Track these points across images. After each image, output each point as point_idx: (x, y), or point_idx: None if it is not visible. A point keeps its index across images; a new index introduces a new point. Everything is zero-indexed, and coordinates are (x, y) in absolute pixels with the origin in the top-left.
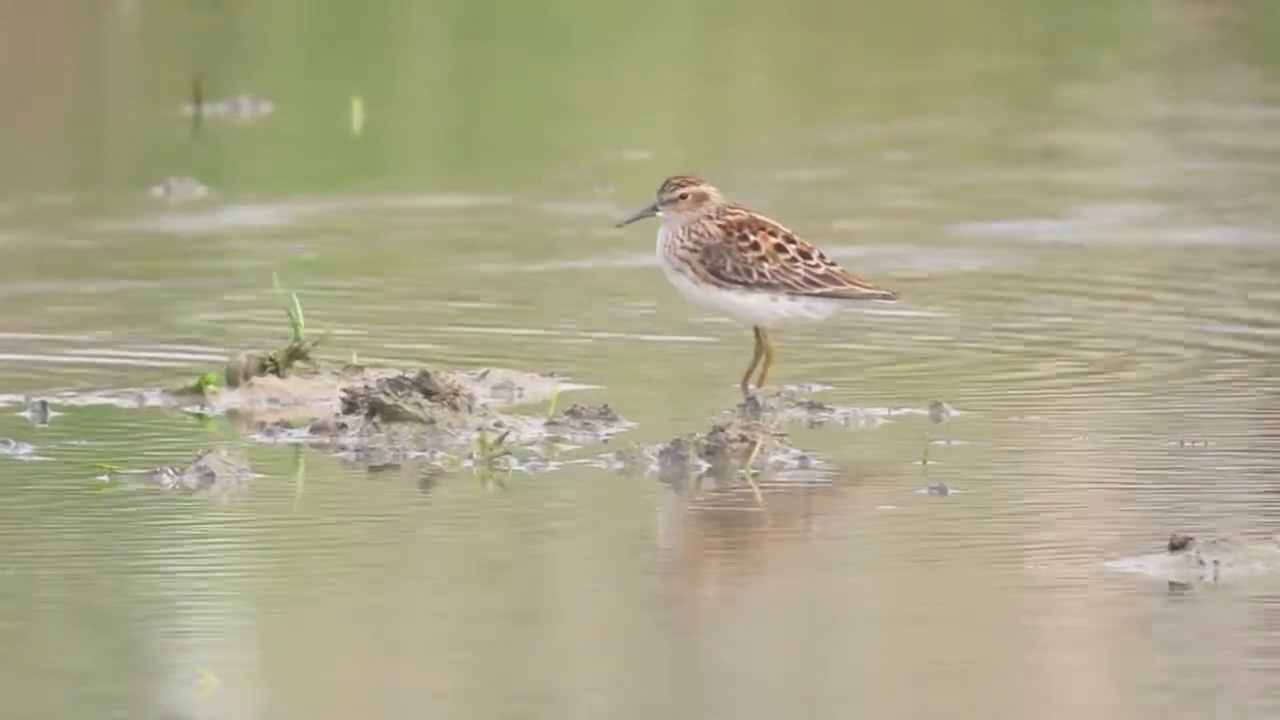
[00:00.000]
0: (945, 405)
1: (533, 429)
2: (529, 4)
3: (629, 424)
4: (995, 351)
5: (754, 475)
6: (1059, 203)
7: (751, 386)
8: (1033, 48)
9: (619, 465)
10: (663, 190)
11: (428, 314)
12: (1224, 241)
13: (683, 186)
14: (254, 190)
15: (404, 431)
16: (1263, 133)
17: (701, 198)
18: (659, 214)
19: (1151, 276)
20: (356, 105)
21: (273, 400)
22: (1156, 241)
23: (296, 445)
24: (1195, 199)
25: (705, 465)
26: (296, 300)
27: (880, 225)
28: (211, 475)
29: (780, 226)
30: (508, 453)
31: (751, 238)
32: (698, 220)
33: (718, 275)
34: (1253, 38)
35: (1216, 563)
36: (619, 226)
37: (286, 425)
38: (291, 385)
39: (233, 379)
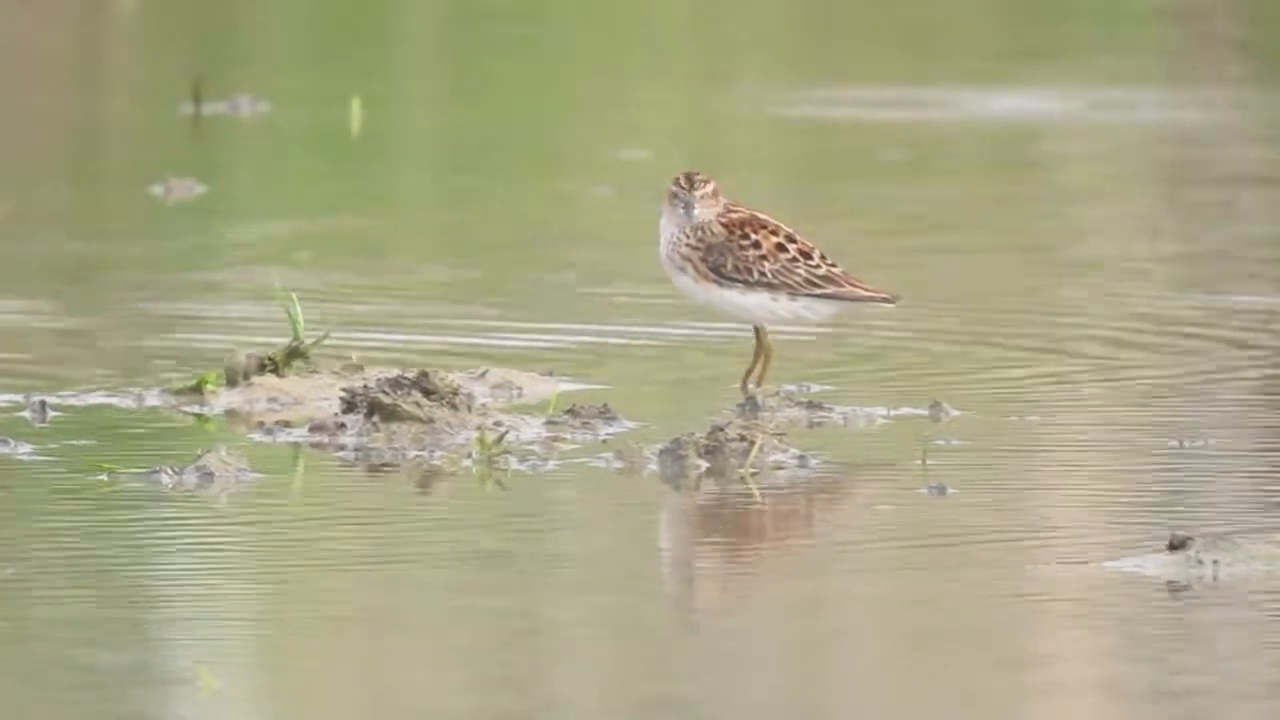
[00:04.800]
0: (945, 405)
1: (532, 428)
2: (529, 4)
3: (628, 423)
4: (995, 352)
5: (753, 475)
6: (1058, 202)
7: (751, 386)
8: (1034, 48)
9: (618, 465)
10: (691, 186)
11: (427, 313)
12: (1224, 240)
13: (709, 181)
14: (253, 189)
15: (403, 431)
16: (1260, 129)
17: (717, 193)
18: (695, 211)
19: (1151, 276)
20: (355, 105)
21: (272, 400)
22: (1157, 242)
23: (296, 445)
24: (1196, 198)
25: (704, 465)
26: (296, 299)
27: (880, 225)
28: (211, 475)
29: (781, 226)
30: (507, 452)
31: (753, 236)
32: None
33: (718, 273)
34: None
35: (1216, 563)
36: (685, 228)
37: (286, 425)
38: (291, 384)
39: (232, 378)
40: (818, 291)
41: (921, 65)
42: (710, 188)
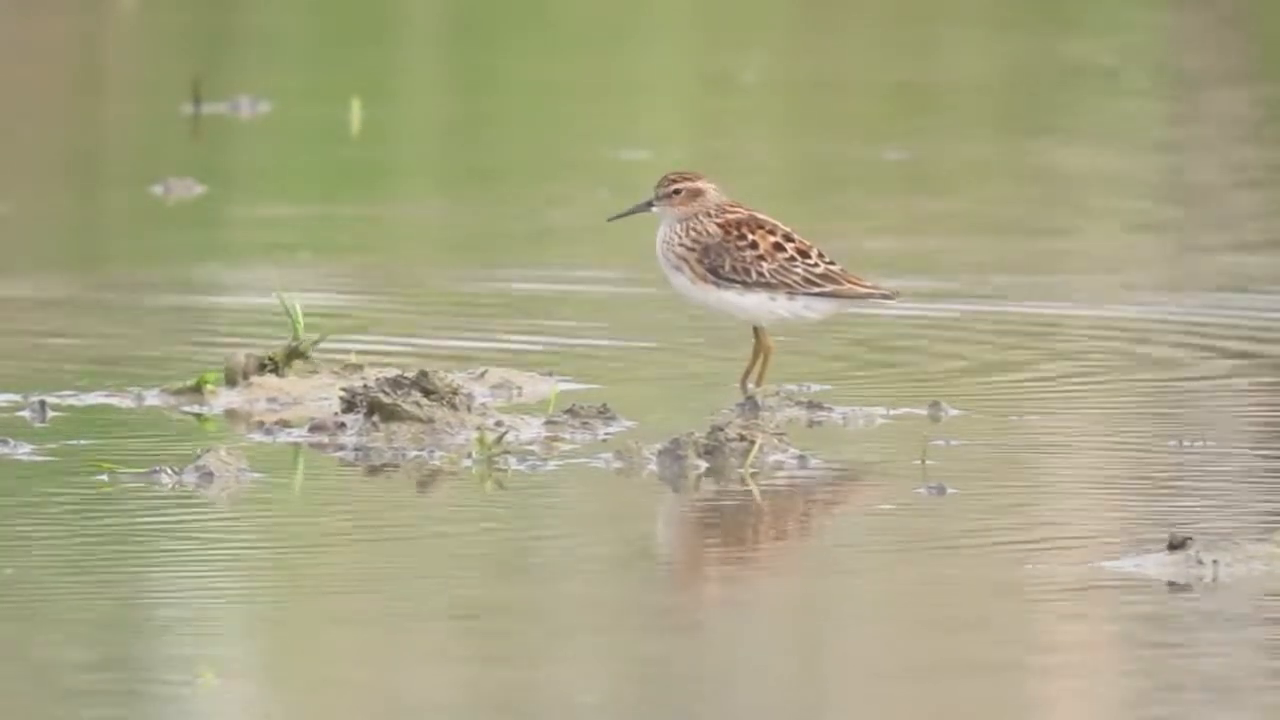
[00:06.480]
0: (944, 405)
1: (531, 428)
2: (529, 4)
3: (627, 423)
4: (995, 352)
5: (753, 475)
6: (1058, 203)
7: (750, 386)
8: (1034, 51)
9: (617, 465)
10: (658, 186)
11: (427, 313)
12: (1224, 241)
13: (678, 182)
14: (253, 189)
15: (403, 431)
16: (1259, 138)
17: (696, 193)
18: (654, 209)
19: (1152, 276)
20: (355, 105)
21: (272, 399)
22: (1157, 241)
23: (295, 444)
24: (1197, 200)
25: (704, 465)
26: (295, 299)
27: (880, 225)
28: (210, 475)
29: (779, 225)
30: (506, 452)
31: (750, 236)
32: (696, 218)
33: (716, 274)
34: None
35: (1216, 563)
36: (610, 220)
37: (285, 424)
38: (290, 384)
39: (232, 378)
40: (816, 290)
41: (924, 61)
42: (686, 186)
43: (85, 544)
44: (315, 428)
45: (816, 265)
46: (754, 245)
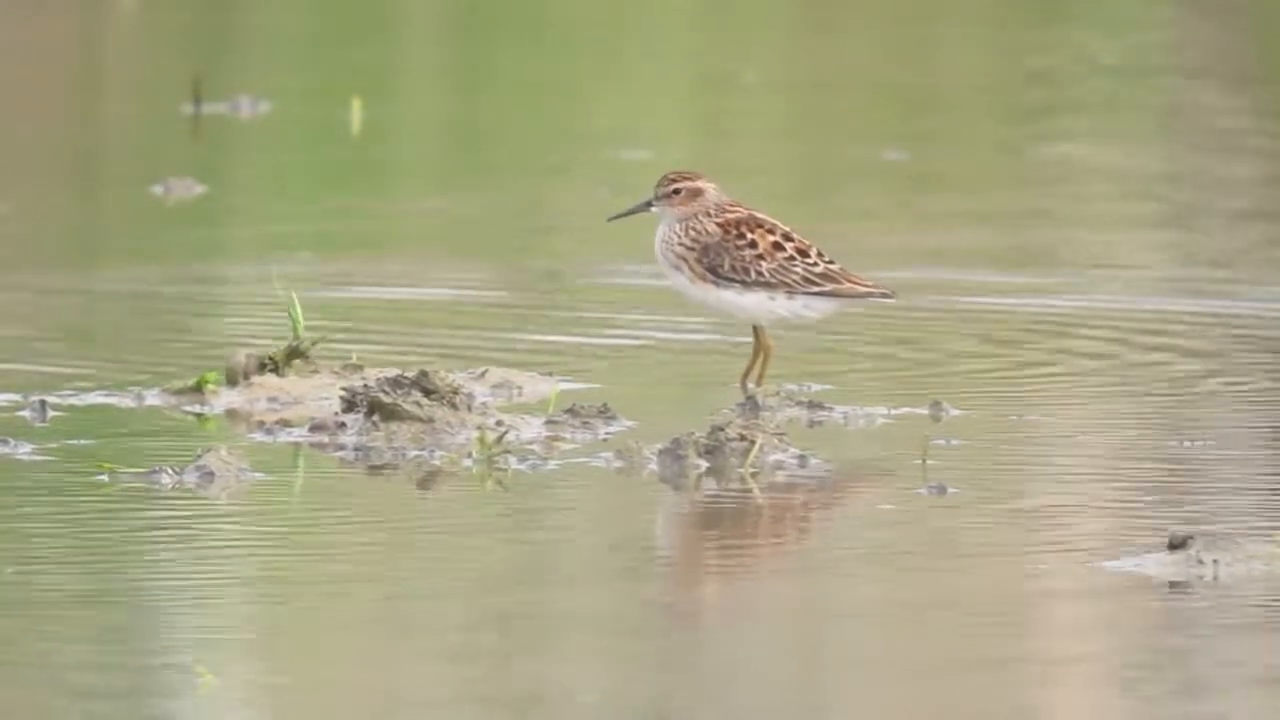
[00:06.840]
0: (945, 405)
1: (532, 428)
2: (529, 3)
3: (628, 423)
4: (996, 351)
5: (753, 474)
6: (1058, 202)
7: (750, 385)
8: (1034, 50)
9: (618, 464)
10: (658, 185)
11: (427, 313)
12: (1225, 240)
13: (678, 182)
14: (253, 189)
15: (403, 430)
16: (1260, 136)
17: (696, 193)
18: (653, 209)
19: (1153, 275)
20: (356, 104)
21: (272, 399)
22: (1157, 241)
23: (296, 444)
24: (1198, 199)
25: (704, 464)
26: (295, 299)
27: (880, 224)
28: (211, 474)
29: (779, 224)
30: (507, 452)
31: (749, 236)
32: (695, 217)
33: (715, 273)
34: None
35: (1216, 562)
36: (610, 221)
37: (286, 424)
38: (291, 384)
39: (232, 378)
40: (815, 289)
41: (924, 61)
42: (685, 186)
43: (85, 544)
44: (315, 427)
45: (816, 264)
46: (753, 244)
